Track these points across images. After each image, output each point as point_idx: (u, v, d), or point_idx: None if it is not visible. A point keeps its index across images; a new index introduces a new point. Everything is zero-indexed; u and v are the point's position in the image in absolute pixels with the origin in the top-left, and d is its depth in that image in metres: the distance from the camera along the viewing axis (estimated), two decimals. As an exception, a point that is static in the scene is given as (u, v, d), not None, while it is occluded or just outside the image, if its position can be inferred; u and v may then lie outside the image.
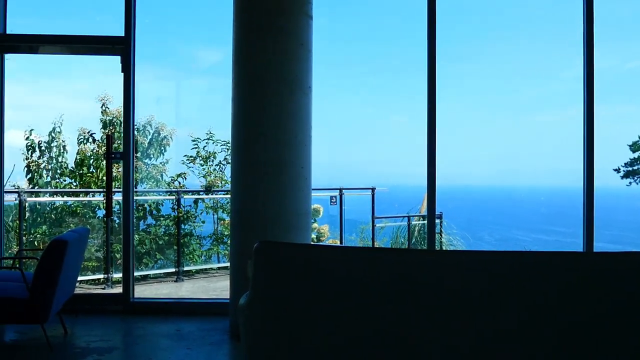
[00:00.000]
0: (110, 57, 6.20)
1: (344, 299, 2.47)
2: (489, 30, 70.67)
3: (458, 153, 63.34)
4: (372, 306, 2.43)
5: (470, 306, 2.35)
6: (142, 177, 9.39)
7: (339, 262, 2.55)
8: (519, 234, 34.96)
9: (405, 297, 2.40)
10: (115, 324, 5.64)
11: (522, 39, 74.06)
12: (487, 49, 73.68)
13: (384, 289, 2.43)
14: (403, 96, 78.42)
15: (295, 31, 5.13)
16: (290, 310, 2.55)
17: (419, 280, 2.42)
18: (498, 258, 2.45)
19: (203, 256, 9.17)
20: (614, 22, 30.35)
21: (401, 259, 2.57)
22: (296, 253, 2.73)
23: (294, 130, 5.09)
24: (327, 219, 9.78)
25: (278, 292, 2.60)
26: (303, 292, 2.54)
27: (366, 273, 2.48)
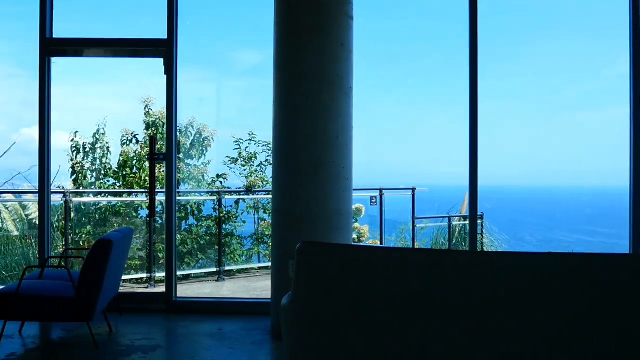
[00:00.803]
0: (152, 60, 6.29)
1: (385, 300, 2.46)
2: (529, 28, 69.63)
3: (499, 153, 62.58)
4: (412, 307, 2.42)
5: (513, 309, 2.32)
6: (184, 177, 9.50)
7: (380, 263, 2.54)
8: (562, 235, 34.39)
9: (446, 299, 2.38)
10: (159, 322, 5.72)
11: (564, 36, 72.83)
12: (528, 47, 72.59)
13: (424, 290, 2.42)
14: (444, 96, 77.80)
15: (336, 31, 5.13)
16: (332, 311, 2.55)
17: (459, 283, 2.40)
18: (540, 260, 2.41)
19: (244, 256, 9.23)
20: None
21: (442, 260, 2.55)
22: (338, 254, 2.73)
23: (335, 130, 5.09)
24: (367, 219, 9.77)
25: (320, 292, 2.61)
26: (344, 293, 2.54)
27: (407, 274, 2.47)
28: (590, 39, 57.25)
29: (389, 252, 2.82)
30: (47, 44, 6.10)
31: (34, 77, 6.14)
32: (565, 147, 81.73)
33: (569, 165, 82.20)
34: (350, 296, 2.52)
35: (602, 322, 2.26)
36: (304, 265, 2.63)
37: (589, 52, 58.45)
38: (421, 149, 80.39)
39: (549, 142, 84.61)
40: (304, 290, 2.64)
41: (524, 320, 2.31)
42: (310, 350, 2.64)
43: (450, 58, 23.54)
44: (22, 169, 9.67)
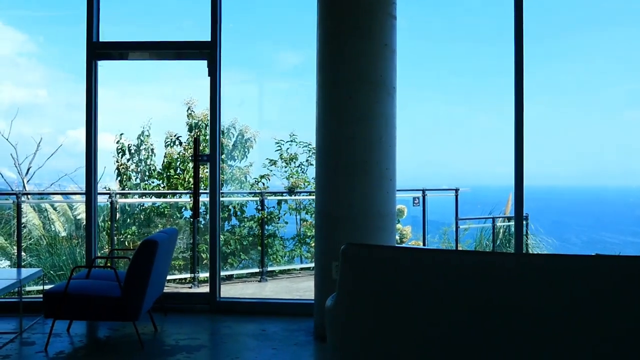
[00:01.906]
0: (195, 62, 6.35)
1: (428, 301, 2.43)
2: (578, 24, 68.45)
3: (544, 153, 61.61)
4: (457, 309, 2.39)
5: (556, 312, 2.27)
6: (227, 178, 9.57)
7: (424, 264, 2.52)
8: (608, 236, 33.67)
9: (492, 301, 2.34)
10: (203, 322, 5.77)
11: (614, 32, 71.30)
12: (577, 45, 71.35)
13: (467, 291, 2.38)
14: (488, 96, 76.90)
15: (379, 32, 5.11)
16: (376, 312, 2.54)
17: (506, 285, 2.35)
18: (586, 263, 2.35)
19: (286, 257, 9.26)
20: None
21: (487, 262, 2.51)
22: (382, 255, 2.71)
23: (379, 131, 5.07)
24: (410, 219, 9.71)
25: (364, 293, 2.59)
26: (388, 294, 2.52)
27: (451, 276, 2.44)
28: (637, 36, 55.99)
29: (433, 253, 2.79)
30: (94, 47, 6.20)
31: (80, 80, 6.26)
32: (613, 146, 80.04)
33: (617, 165, 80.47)
34: (394, 298, 2.51)
35: None
36: (348, 266, 2.62)
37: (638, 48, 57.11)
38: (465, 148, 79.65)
39: (597, 141, 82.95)
40: (348, 291, 2.63)
41: (563, 321, 2.26)
42: (356, 351, 2.62)
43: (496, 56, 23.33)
44: (68, 171, 9.90)
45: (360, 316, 2.61)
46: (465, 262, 2.51)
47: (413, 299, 2.47)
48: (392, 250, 3.34)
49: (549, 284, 2.31)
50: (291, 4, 13.79)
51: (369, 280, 2.61)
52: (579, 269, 2.31)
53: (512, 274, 2.38)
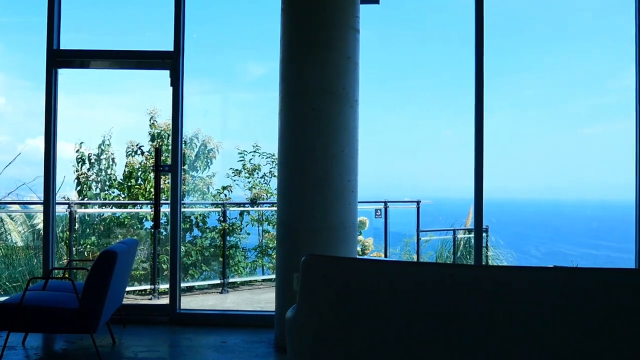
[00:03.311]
0: (158, 71, 6.31)
1: (388, 312, 2.45)
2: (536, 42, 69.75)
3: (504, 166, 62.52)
4: (416, 319, 2.41)
5: (514, 323, 2.31)
6: (189, 189, 9.50)
7: (384, 276, 2.54)
8: (567, 248, 34.25)
9: (450, 312, 2.37)
10: (162, 334, 5.70)
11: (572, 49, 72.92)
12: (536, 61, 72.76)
13: (427, 302, 2.41)
14: (449, 109, 77.92)
15: (342, 45, 5.15)
16: (336, 323, 2.54)
17: (464, 297, 2.38)
18: (543, 275, 2.40)
19: (248, 268, 9.22)
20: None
21: (447, 274, 2.54)
22: (343, 267, 2.72)
23: (341, 143, 5.09)
24: (372, 231, 9.75)
25: (324, 304, 2.60)
26: (349, 305, 2.54)
27: (411, 287, 2.46)
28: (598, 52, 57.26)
29: (394, 265, 2.81)
30: (54, 55, 6.13)
31: (39, 88, 6.17)
32: (571, 161, 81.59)
33: (575, 178, 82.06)
34: (354, 309, 2.52)
35: (605, 334, 2.24)
36: (309, 277, 2.63)
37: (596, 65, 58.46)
38: (427, 161, 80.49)
39: (556, 155, 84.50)
40: (308, 302, 2.64)
41: (529, 333, 2.29)
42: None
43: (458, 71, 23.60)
44: (26, 180, 9.68)
45: (320, 327, 2.61)
46: (426, 274, 2.54)
47: (373, 310, 2.49)
48: (352, 261, 3.36)
49: (508, 295, 2.34)
50: (256, 15, 13.79)
51: (329, 291, 2.61)
52: (537, 281, 2.35)
53: (472, 285, 2.41)
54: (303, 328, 2.67)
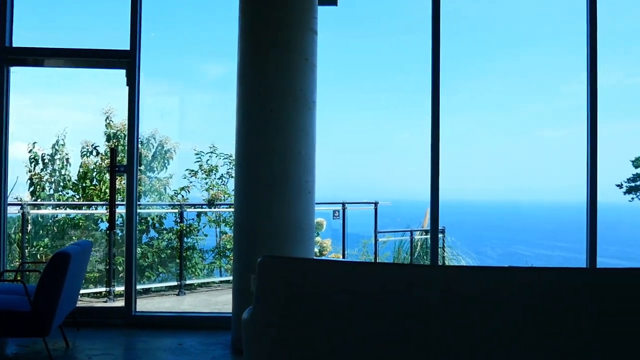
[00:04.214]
0: (115, 71, 6.22)
1: (346, 314, 2.46)
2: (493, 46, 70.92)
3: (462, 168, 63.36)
4: (374, 321, 2.42)
5: (470, 321, 2.34)
6: (145, 190, 9.40)
7: (341, 277, 2.55)
8: (522, 249, 34.83)
9: (407, 312, 2.39)
10: (117, 337, 5.62)
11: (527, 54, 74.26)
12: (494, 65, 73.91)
13: (385, 303, 2.43)
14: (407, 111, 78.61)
15: (300, 46, 5.16)
16: (292, 324, 2.55)
17: (420, 295, 2.41)
18: (499, 274, 2.44)
19: (205, 270, 9.15)
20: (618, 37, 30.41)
21: (403, 274, 2.57)
22: (299, 267, 2.73)
23: (299, 144, 5.10)
24: (330, 233, 9.77)
25: (281, 306, 2.60)
26: (305, 306, 2.54)
27: (368, 288, 2.48)
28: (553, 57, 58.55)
29: (349, 266, 2.83)
30: (6, 52, 6.00)
31: (-9, 87, 6.03)
32: (526, 163, 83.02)
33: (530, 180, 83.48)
34: (310, 310, 2.52)
35: (554, 331, 2.29)
36: (265, 279, 2.62)
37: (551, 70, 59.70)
38: (385, 163, 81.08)
39: (512, 157, 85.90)
40: (264, 304, 2.63)
41: (481, 332, 2.33)
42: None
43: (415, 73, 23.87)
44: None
45: (276, 328, 2.61)
46: (383, 275, 2.56)
47: (329, 310, 2.50)
48: (308, 262, 3.37)
49: (462, 294, 2.38)
50: (215, 16, 13.72)
51: (285, 292, 2.61)
52: (490, 281, 2.39)
53: (427, 285, 2.43)
54: (259, 329, 2.67)
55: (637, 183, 17.39)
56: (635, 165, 17.42)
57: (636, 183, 17.40)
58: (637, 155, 17.53)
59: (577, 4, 5.98)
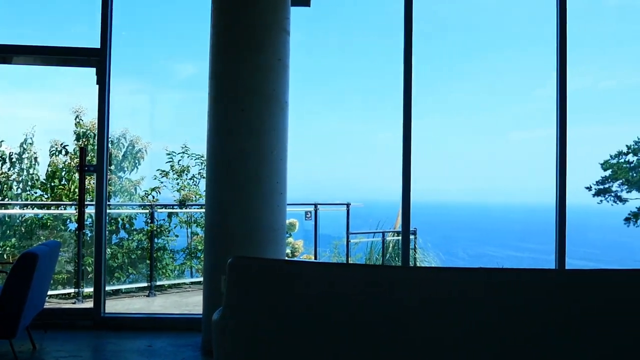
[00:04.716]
0: (85, 69, 6.14)
1: (317, 315, 2.45)
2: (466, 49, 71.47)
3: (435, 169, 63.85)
4: (344, 322, 2.42)
5: (441, 322, 2.35)
6: (116, 190, 9.30)
7: (312, 277, 2.54)
8: (493, 251, 35.18)
9: (377, 313, 2.39)
10: (86, 339, 5.55)
11: (501, 58, 75.10)
12: (466, 68, 74.60)
13: (356, 304, 2.42)
14: (380, 113, 78.95)
15: (273, 46, 5.14)
16: (264, 326, 2.53)
17: (391, 297, 2.41)
18: (470, 275, 2.45)
19: (176, 271, 9.09)
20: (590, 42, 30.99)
21: (374, 275, 2.57)
22: (270, 268, 2.71)
23: (270, 145, 5.09)
24: (302, 234, 9.75)
25: (251, 307, 2.58)
26: (276, 308, 2.53)
27: (339, 289, 2.47)
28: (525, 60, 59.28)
29: (319, 267, 2.82)
30: (-27, 50, 5.90)
31: (-43, 84, 5.92)
32: (498, 165, 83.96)
33: (501, 182, 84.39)
34: (281, 311, 2.51)
35: (525, 331, 2.31)
36: (235, 279, 2.61)
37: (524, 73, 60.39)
38: (358, 164, 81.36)
39: (484, 159, 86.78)
40: (235, 305, 2.61)
41: (449, 332, 2.34)
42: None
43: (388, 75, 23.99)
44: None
45: (246, 329, 2.59)
46: (354, 275, 2.56)
47: (300, 311, 2.49)
48: (279, 263, 3.36)
49: (433, 295, 2.38)
50: (188, 15, 13.63)
51: (255, 293, 2.60)
52: (460, 282, 2.40)
53: (399, 286, 2.44)
54: (229, 331, 2.65)
55: (605, 186, 17.65)
56: (604, 168, 17.68)
57: (605, 186, 17.65)
58: (606, 159, 17.80)
59: (550, 9, 6.04)
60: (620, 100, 57.60)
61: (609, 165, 17.63)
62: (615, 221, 18.01)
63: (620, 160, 17.62)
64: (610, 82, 61.62)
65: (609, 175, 17.61)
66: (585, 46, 26.91)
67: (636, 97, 40.13)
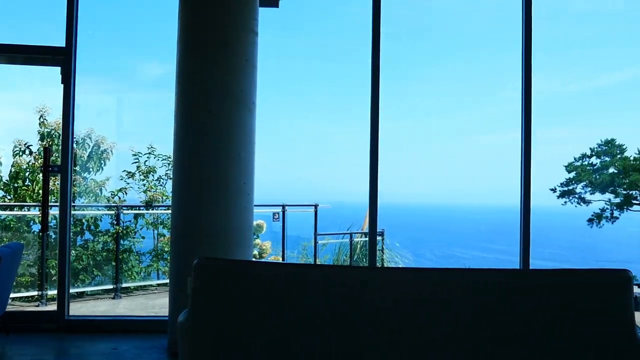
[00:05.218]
0: (50, 68, 6.06)
1: (283, 316, 2.45)
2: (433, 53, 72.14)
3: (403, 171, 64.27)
4: (311, 323, 2.42)
5: (408, 323, 2.37)
6: (81, 191, 9.18)
7: (278, 278, 2.54)
8: (460, 252, 35.55)
9: (344, 314, 2.40)
10: (49, 342, 5.47)
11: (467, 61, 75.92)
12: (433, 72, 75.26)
13: (323, 305, 2.43)
14: (348, 115, 79.23)
15: (241, 47, 5.13)
16: (229, 327, 2.52)
17: (358, 297, 2.42)
18: (436, 275, 2.48)
19: (142, 273, 9.00)
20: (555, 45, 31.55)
21: (339, 276, 2.58)
22: (236, 269, 2.71)
23: (238, 146, 5.07)
24: (270, 235, 9.74)
25: (217, 308, 2.57)
26: (242, 309, 2.52)
27: (305, 290, 2.48)
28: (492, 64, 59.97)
29: (287, 267, 2.83)
30: None
31: None
32: (465, 167, 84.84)
33: (468, 184, 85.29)
34: (247, 312, 2.50)
35: (489, 331, 2.34)
36: (201, 281, 2.59)
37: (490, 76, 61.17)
38: (326, 166, 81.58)
39: (451, 161, 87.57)
40: (200, 306, 2.60)
41: (416, 333, 2.36)
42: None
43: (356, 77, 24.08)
44: None
45: (211, 331, 2.58)
46: (318, 276, 2.56)
47: (266, 313, 2.48)
48: (245, 263, 3.35)
49: (399, 295, 2.40)
50: (156, 14, 13.54)
51: (221, 294, 2.59)
52: (424, 282, 2.42)
53: (365, 286, 2.45)
54: (194, 332, 2.63)
55: (569, 187, 17.93)
56: (569, 171, 17.97)
57: (569, 187, 17.93)
58: (570, 161, 18.09)
59: (516, 13, 6.12)
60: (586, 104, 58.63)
61: (573, 167, 17.94)
62: (579, 222, 18.32)
63: (584, 163, 17.93)
64: (577, 86, 62.76)
65: (573, 178, 17.91)
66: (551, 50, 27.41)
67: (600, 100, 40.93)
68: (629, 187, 16.93)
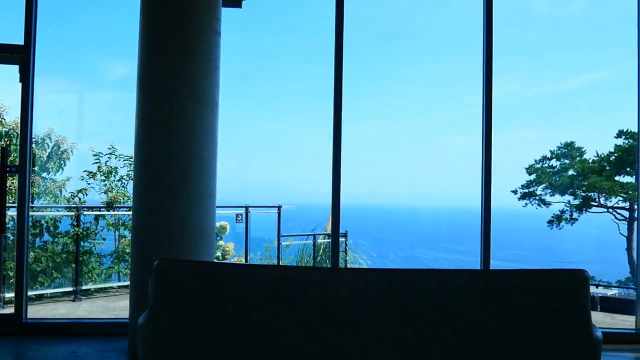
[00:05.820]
0: (8, 66, 5.94)
1: (245, 317, 2.45)
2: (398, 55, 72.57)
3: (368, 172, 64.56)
4: (273, 324, 2.42)
5: (372, 323, 2.38)
6: (40, 192, 9.03)
7: (240, 280, 2.53)
8: (423, 253, 35.82)
9: (307, 314, 2.41)
10: (6, 346, 5.36)
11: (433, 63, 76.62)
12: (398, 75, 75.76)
13: (285, 306, 2.43)
14: (311, 116, 79.34)
15: (203, 47, 5.09)
16: (189, 328, 2.51)
17: (320, 297, 2.43)
18: (398, 276, 2.49)
19: (103, 275, 8.88)
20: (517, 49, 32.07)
21: (300, 276, 2.58)
22: (197, 270, 2.69)
23: (200, 146, 5.03)
24: (233, 237, 9.70)
25: (178, 310, 2.55)
26: (202, 309, 2.51)
27: (268, 291, 2.47)
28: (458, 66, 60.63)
29: (248, 268, 2.82)
30: None
31: None
32: (428, 169, 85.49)
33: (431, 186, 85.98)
34: (208, 313, 2.49)
35: (449, 329, 2.36)
36: (161, 282, 2.57)
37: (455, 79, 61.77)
38: (290, 167, 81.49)
39: (415, 163, 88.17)
40: (160, 307, 2.58)
41: (375, 332, 2.37)
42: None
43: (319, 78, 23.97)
44: None
45: (172, 332, 2.56)
46: (281, 277, 2.56)
47: (228, 314, 2.47)
48: (206, 265, 3.33)
49: (359, 295, 2.41)
50: (119, 13, 13.37)
51: (181, 295, 2.57)
52: (383, 282, 2.43)
53: (327, 286, 2.45)
54: (154, 334, 2.61)
55: (530, 189, 18.16)
56: (529, 173, 18.21)
57: (529, 189, 18.17)
58: (531, 163, 18.33)
59: (478, 17, 6.18)
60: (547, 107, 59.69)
61: (533, 169, 18.18)
62: (540, 224, 18.56)
63: (544, 165, 18.18)
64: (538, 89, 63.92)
65: (534, 180, 18.15)
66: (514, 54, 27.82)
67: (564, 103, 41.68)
68: (587, 189, 17.20)
